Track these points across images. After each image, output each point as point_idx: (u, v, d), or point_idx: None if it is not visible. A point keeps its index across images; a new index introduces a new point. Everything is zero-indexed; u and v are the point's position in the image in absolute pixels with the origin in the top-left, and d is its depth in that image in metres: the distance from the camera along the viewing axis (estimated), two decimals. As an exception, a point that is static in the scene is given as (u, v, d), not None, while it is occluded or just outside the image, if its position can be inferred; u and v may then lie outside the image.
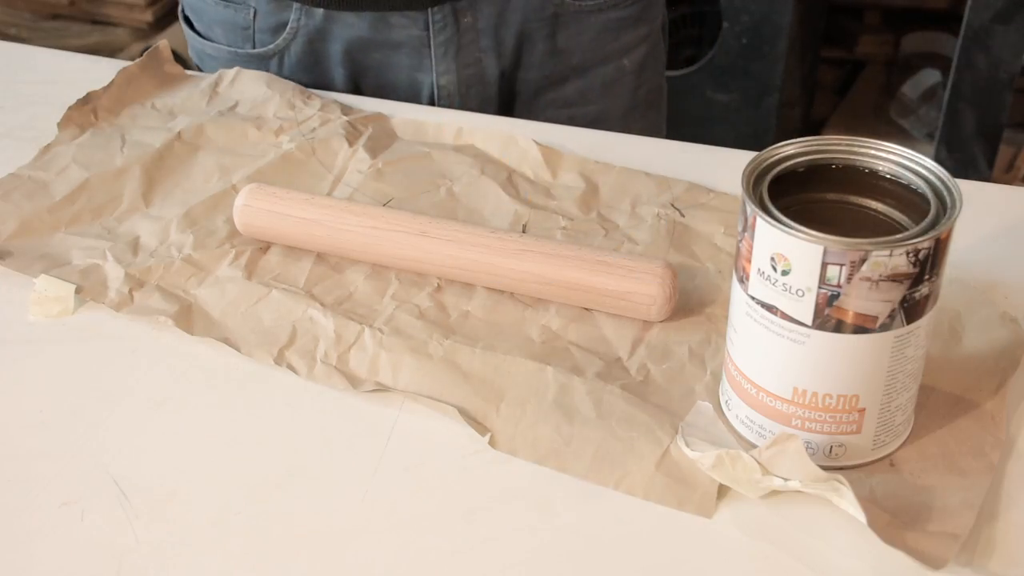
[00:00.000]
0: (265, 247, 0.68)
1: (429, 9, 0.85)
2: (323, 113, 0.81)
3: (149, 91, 0.85)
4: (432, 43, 0.86)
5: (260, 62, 0.90)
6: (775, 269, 0.49)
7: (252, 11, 0.88)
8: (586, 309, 0.63)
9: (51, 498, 0.54)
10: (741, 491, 0.52)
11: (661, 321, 0.62)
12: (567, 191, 0.73)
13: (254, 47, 0.90)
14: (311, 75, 0.89)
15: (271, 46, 0.89)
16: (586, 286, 0.61)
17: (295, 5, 0.86)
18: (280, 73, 0.89)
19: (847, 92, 2.10)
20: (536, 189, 0.73)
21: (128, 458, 0.56)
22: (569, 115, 0.92)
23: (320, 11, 0.86)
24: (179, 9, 0.95)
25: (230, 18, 0.90)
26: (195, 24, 0.94)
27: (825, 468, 0.50)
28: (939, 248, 0.48)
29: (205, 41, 0.93)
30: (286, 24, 0.87)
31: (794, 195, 0.51)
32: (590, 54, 0.91)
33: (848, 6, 2.16)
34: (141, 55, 0.87)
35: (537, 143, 0.76)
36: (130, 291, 0.65)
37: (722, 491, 0.53)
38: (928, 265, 0.48)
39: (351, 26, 0.86)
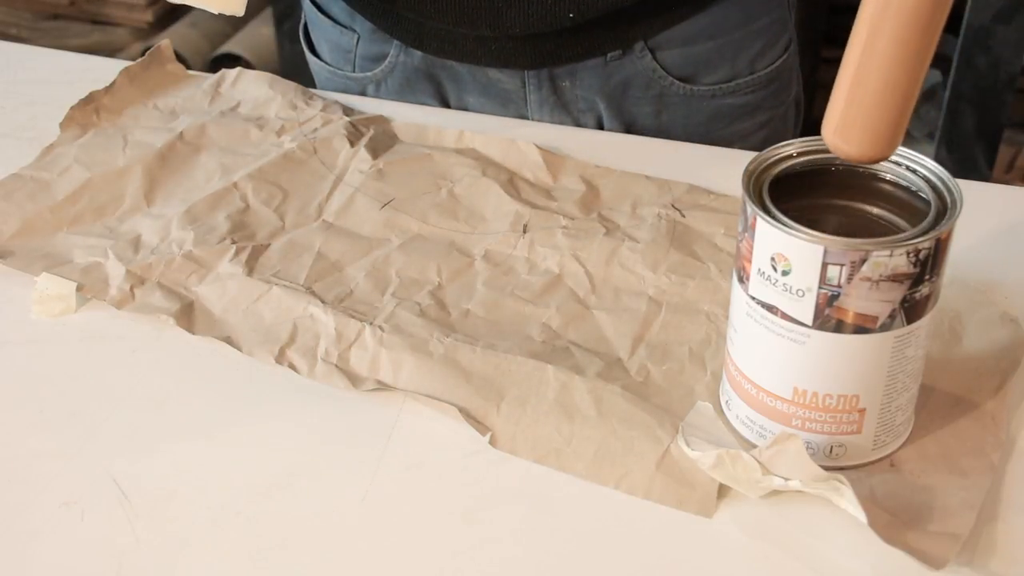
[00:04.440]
0: (265, 243, 0.68)
1: (525, 71, 0.83)
2: (325, 113, 0.81)
3: (151, 91, 0.85)
4: (528, 98, 0.85)
5: (357, 85, 0.90)
6: (775, 269, 0.49)
7: (356, 36, 0.88)
8: (586, 307, 0.63)
9: (51, 498, 0.54)
10: (741, 491, 0.53)
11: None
12: (568, 193, 0.73)
13: (354, 71, 0.90)
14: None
15: (369, 73, 0.88)
16: None
17: (395, 41, 0.85)
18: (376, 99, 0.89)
19: (847, 93, 2.09)
20: (537, 191, 0.73)
21: (128, 458, 0.56)
22: None
23: (419, 52, 0.85)
24: (301, 23, 0.95)
25: (336, 38, 0.89)
26: (310, 36, 0.94)
27: (825, 468, 0.50)
28: (939, 248, 0.48)
29: (311, 55, 0.94)
30: (386, 56, 0.87)
31: (794, 195, 0.51)
32: (697, 138, 0.84)
33: (848, 6, 2.16)
34: (142, 55, 0.87)
35: (538, 147, 0.76)
36: (131, 288, 0.65)
37: (722, 491, 0.53)
38: (928, 265, 0.48)
39: (449, 68, 0.85)
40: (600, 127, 0.86)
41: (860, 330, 0.49)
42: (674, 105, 0.84)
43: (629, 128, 0.85)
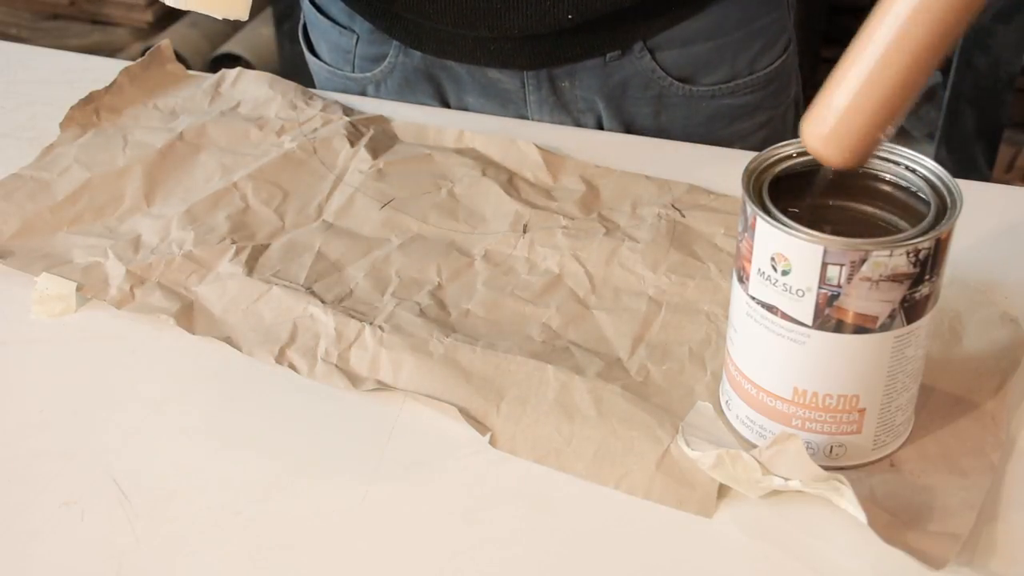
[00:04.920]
0: (265, 243, 0.68)
1: (524, 72, 0.83)
2: (325, 114, 0.81)
3: (151, 91, 0.85)
4: (528, 98, 0.85)
5: (357, 85, 0.90)
6: (775, 269, 0.49)
7: (356, 37, 0.88)
8: (586, 308, 0.63)
9: (51, 498, 0.54)
10: (741, 491, 0.53)
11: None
12: (568, 193, 0.73)
13: (353, 71, 0.90)
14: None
15: (368, 74, 0.88)
16: None
17: (394, 41, 0.85)
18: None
19: (847, 92, 2.09)
20: (537, 191, 0.73)
21: (128, 458, 0.56)
22: None
23: (418, 52, 0.85)
24: (300, 24, 0.95)
25: (335, 39, 0.89)
26: (310, 37, 0.94)
27: (825, 468, 0.50)
28: (939, 248, 0.48)
29: (310, 55, 0.94)
30: (385, 56, 0.87)
31: (794, 195, 0.51)
32: (697, 138, 0.84)
33: (848, 6, 2.16)
34: (141, 55, 0.87)
35: (538, 147, 0.76)
36: (131, 288, 0.65)
37: (722, 491, 0.53)
38: (928, 265, 0.48)
39: (448, 69, 0.85)
40: (600, 127, 0.86)
41: (860, 330, 0.49)
42: (673, 105, 0.84)
43: (628, 128, 0.85)
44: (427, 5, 0.78)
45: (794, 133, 0.92)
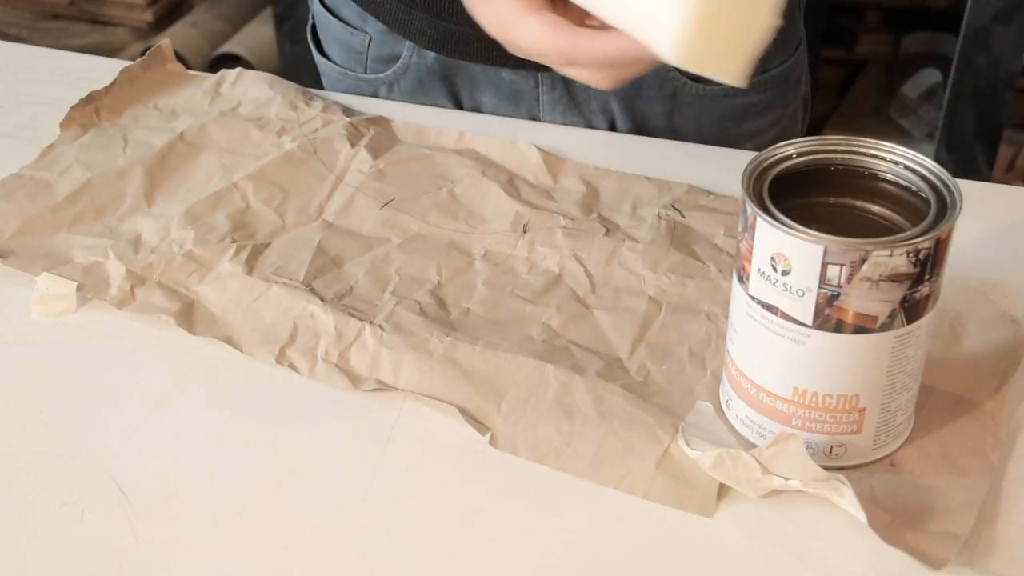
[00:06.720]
0: (266, 242, 0.68)
1: (539, 72, 0.83)
2: (325, 114, 0.81)
3: (151, 91, 0.85)
4: (541, 98, 0.85)
5: (369, 86, 0.89)
6: (775, 269, 0.49)
7: (368, 38, 0.87)
8: (586, 307, 0.63)
9: (51, 498, 0.54)
10: (741, 490, 0.53)
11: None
12: (568, 194, 0.73)
13: (365, 72, 0.89)
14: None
15: (381, 75, 0.88)
16: None
17: (408, 42, 0.85)
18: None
19: (847, 92, 2.10)
20: (537, 192, 0.73)
21: (128, 458, 0.56)
22: None
23: (431, 53, 0.85)
24: (308, 24, 0.95)
25: (347, 40, 0.89)
26: (319, 38, 0.93)
27: (825, 468, 0.50)
28: (939, 248, 0.48)
29: (320, 56, 0.93)
30: (398, 57, 0.86)
31: (794, 195, 0.51)
32: (708, 137, 0.84)
33: (848, 6, 2.16)
34: (142, 55, 0.87)
35: (538, 148, 0.76)
36: (131, 288, 0.65)
37: (722, 491, 0.53)
38: (928, 265, 0.48)
39: (462, 69, 0.85)
40: (612, 127, 0.86)
41: (860, 330, 0.49)
42: (686, 105, 0.84)
43: (641, 128, 0.85)
44: (447, 5, 0.78)
45: (803, 132, 0.93)
